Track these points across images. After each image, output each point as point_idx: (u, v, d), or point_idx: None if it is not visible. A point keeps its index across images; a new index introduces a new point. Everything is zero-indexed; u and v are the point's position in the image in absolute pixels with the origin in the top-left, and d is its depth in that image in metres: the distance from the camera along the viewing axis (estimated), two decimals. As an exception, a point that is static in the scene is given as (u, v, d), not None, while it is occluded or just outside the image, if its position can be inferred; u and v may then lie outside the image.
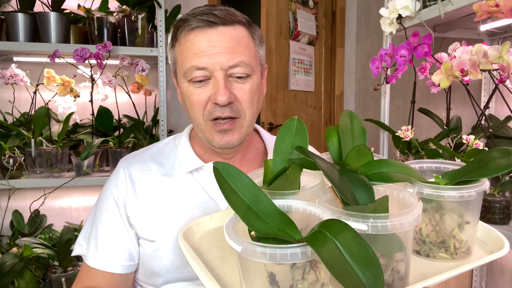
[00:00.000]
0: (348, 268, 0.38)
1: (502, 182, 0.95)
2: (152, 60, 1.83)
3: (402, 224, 0.46)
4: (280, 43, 2.16)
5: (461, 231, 0.56)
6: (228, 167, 0.50)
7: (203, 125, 0.77)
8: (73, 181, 1.53)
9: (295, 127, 0.63)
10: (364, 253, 0.39)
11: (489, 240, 0.60)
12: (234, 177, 0.49)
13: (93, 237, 0.81)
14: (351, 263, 0.38)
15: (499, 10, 0.90)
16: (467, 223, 0.56)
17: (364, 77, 2.38)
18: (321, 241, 0.40)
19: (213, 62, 0.73)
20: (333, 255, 0.38)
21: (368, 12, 2.30)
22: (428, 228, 0.57)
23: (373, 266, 0.38)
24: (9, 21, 1.54)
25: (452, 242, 0.55)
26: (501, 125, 1.14)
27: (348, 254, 0.38)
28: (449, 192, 0.53)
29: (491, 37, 1.44)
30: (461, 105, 1.61)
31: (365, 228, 0.45)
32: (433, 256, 0.56)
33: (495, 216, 0.95)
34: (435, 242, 0.56)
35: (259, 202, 0.48)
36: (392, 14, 1.26)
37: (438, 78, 1.06)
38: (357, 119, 0.64)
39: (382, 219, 0.45)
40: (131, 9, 1.65)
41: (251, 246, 0.42)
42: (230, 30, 0.75)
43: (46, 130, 1.57)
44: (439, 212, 0.56)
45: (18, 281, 1.41)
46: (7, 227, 1.74)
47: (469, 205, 0.55)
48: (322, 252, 0.38)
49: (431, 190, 0.54)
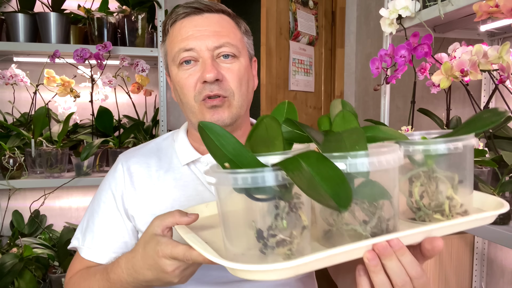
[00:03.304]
0: (317, 185, 0.40)
1: (502, 182, 0.95)
2: (152, 61, 1.83)
3: (381, 162, 0.46)
4: (280, 43, 2.16)
5: (455, 192, 0.55)
6: (213, 126, 0.51)
7: (196, 106, 0.78)
8: (73, 181, 1.53)
9: (286, 109, 0.63)
10: (332, 173, 0.40)
11: (487, 206, 0.60)
12: (218, 135, 0.51)
13: (89, 230, 0.82)
14: (320, 181, 0.40)
15: (499, 10, 0.90)
16: (460, 182, 0.55)
17: (364, 78, 2.38)
18: (292, 164, 0.42)
19: (199, 43, 0.76)
20: (302, 175, 0.41)
21: (368, 12, 2.31)
22: (420, 193, 0.56)
23: (341, 183, 0.40)
24: (9, 21, 1.54)
25: (447, 204, 0.54)
26: (501, 125, 1.14)
27: (318, 175, 0.40)
28: (435, 146, 0.52)
29: (491, 37, 1.44)
30: (461, 105, 1.61)
31: (343, 167, 0.45)
32: (429, 220, 0.55)
33: (495, 216, 0.95)
34: (430, 206, 0.55)
35: (242, 156, 0.49)
36: (392, 14, 1.26)
37: (438, 79, 1.06)
38: (349, 106, 0.64)
39: (360, 157, 0.45)
40: (131, 10, 1.65)
41: (224, 174, 0.45)
42: (215, 16, 0.80)
43: (46, 131, 1.57)
44: (430, 174, 0.55)
45: (18, 281, 1.41)
46: (7, 228, 1.74)
47: (459, 162, 0.54)
48: (292, 173, 0.41)
49: (417, 146, 0.53)
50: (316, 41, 2.40)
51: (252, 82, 0.86)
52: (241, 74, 0.79)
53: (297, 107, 2.42)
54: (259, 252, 0.46)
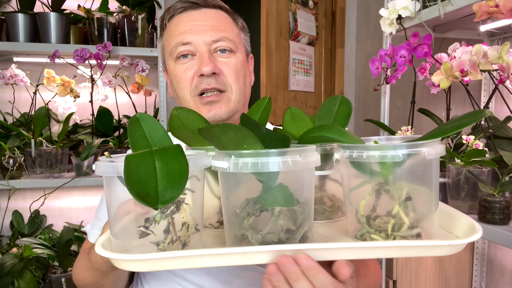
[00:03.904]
0: (150, 178, 0.39)
1: (502, 182, 0.95)
2: (152, 61, 1.83)
3: (264, 163, 0.42)
4: (280, 44, 2.16)
5: (407, 210, 0.45)
6: (148, 118, 0.53)
7: (191, 101, 0.78)
8: (73, 181, 1.53)
9: (264, 105, 0.62)
10: (177, 169, 0.40)
11: (458, 229, 0.48)
12: (150, 127, 0.52)
13: (97, 217, 0.86)
14: (159, 175, 0.39)
15: (499, 10, 0.90)
16: (408, 200, 0.45)
17: (364, 78, 2.38)
18: (139, 155, 0.41)
19: (197, 37, 0.77)
20: (141, 166, 0.40)
21: (368, 12, 2.30)
22: (368, 206, 0.48)
23: (178, 181, 0.39)
24: (9, 21, 1.54)
25: (390, 223, 0.45)
26: (501, 126, 1.14)
27: (160, 169, 0.40)
28: (371, 152, 0.43)
29: (491, 37, 1.44)
30: (461, 106, 1.61)
31: (225, 166, 0.43)
32: (369, 239, 0.47)
33: (495, 216, 0.95)
34: (374, 224, 0.47)
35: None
36: (392, 14, 1.26)
37: (438, 79, 1.06)
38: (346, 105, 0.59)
39: (244, 157, 0.42)
40: (131, 10, 1.65)
41: (99, 162, 0.47)
42: (213, 11, 0.80)
43: (46, 131, 1.57)
44: (380, 187, 0.47)
45: (18, 281, 1.41)
46: (7, 228, 1.73)
47: (417, 173, 0.45)
48: (130, 162, 0.40)
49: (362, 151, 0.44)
50: (316, 41, 2.40)
51: (249, 78, 0.86)
52: (238, 68, 0.79)
53: (297, 107, 2.41)
54: (138, 241, 0.46)
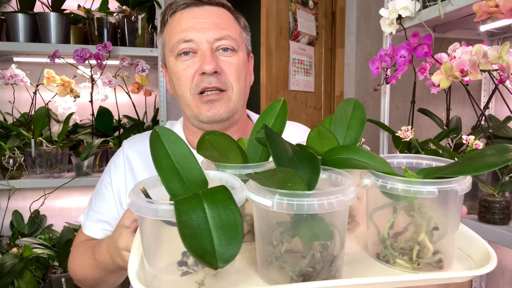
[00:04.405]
0: (204, 231, 0.36)
1: (502, 182, 0.95)
2: (152, 61, 1.83)
3: (312, 205, 0.40)
4: (280, 44, 2.16)
5: (429, 238, 0.47)
6: (169, 133, 0.49)
7: (191, 99, 0.78)
8: (73, 181, 1.53)
9: (279, 109, 0.60)
10: (230, 220, 0.36)
11: (475, 253, 0.50)
12: (172, 142, 0.49)
13: (91, 209, 0.86)
14: (212, 226, 0.36)
15: (499, 10, 0.90)
16: (435, 229, 0.47)
17: (364, 78, 2.38)
18: (189, 202, 0.38)
19: (199, 35, 0.76)
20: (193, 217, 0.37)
21: (368, 12, 2.31)
22: (394, 230, 0.49)
23: (235, 233, 0.35)
24: (9, 21, 1.54)
25: (415, 249, 0.47)
26: (501, 126, 1.14)
27: (212, 219, 0.36)
28: (417, 187, 0.44)
29: (491, 37, 1.44)
30: (461, 105, 1.61)
31: (269, 204, 0.41)
32: (393, 263, 0.48)
33: (495, 216, 0.95)
34: (397, 247, 0.48)
35: (189, 169, 0.48)
36: (392, 14, 1.26)
37: (438, 79, 1.06)
38: (361, 110, 0.58)
39: (290, 197, 0.41)
40: (131, 10, 1.65)
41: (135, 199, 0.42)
42: (215, 9, 0.80)
43: (46, 131, 1.57)
44: (407, 212, 0.48)
45: (18, 281, 1.41)
46: (7, 228, 1.74)
47: (444, 206, 0.47)
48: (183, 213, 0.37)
49: (396, 184, 0.45)
50: (316, 41, 2.40)
51: (249, 77, 0.86)
52: (239, 68, 0.79)
53: (297, 107, 2.42)
54: (174, 276, 0.43)
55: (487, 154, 0.46)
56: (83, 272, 0.77)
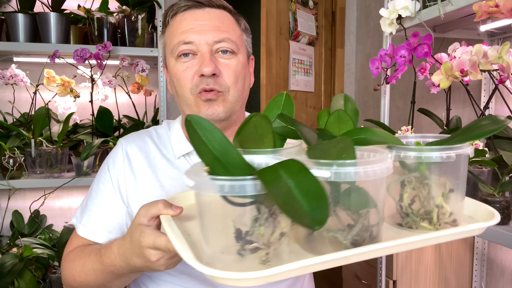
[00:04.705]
0: (294, 200, 0.38)
1: (502, 182, 0.95)
2: (152, 61, 1.83)
3: (367, 172, 0.44)
4: (280, 44, 2.16)
5: (445, 201, 0.53)
6: (201, 120, 0.49)
7: (191, 99, 0.79)
8: (73, 181, 1.53)
9: (283, 101, 0.61)
10: (312, 187, 0.39)
11: (479, 215, 0.58)
12: (205, 130, 0.49)
13: (87, 209, 0.84)
14: (297, 194, 0.38)
15: (499, 10, 0.90)
16: (451, 191, 0.53)
17: (364, 78, 2.38)
18: (271, 174, 0.41)
19: (199, 37, 0.77)
20: (280, 188, 0.39)
21: (368, 12, 2.31)
22: (411, 199, 0.55)
23: (320, 199, 0.38)
24: (9, 21, 1.54)
25: (435, 212, 0.53)
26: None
27: (296, 188, 0.39)
28: (428, 153, 0.51)
29: (491, 37, 1.44)
30: (461, 105, 1.61)
31: (327, 175, 0.43)
32: (416, 227, 0.54)
33: (495, 216, 0.95)
34: (418, 213, 0.54)
35: (228, 154, 0.48)
36: (392, 14, 1.26)
37: (438, 79, 1.06)
38: (351, 102, 0.63)
39: (346, 166, 0.43)
40: (131, 10, 1.65)
41: (203, 178, 0.43)
42: (216, 11, 0.80)
43: (46, 131, 1.57)
44: (422, 180, 0.53)
45: (18, 281, 1.41)
46: (7, 228, 1.74)
47: (452, 171, 0.53)
48: (270, 185, 0.40)
49: (409, 152, 0.52)
50: (316, 41, 2.40)
51: (249, 79, 0.86)
52: (238, 70, 0.79)
53: (297, 107, 2.42)
54: (236, 254, 0.45)
55: (483, 124, 0.53)
56: (84, 278, 0.74)
